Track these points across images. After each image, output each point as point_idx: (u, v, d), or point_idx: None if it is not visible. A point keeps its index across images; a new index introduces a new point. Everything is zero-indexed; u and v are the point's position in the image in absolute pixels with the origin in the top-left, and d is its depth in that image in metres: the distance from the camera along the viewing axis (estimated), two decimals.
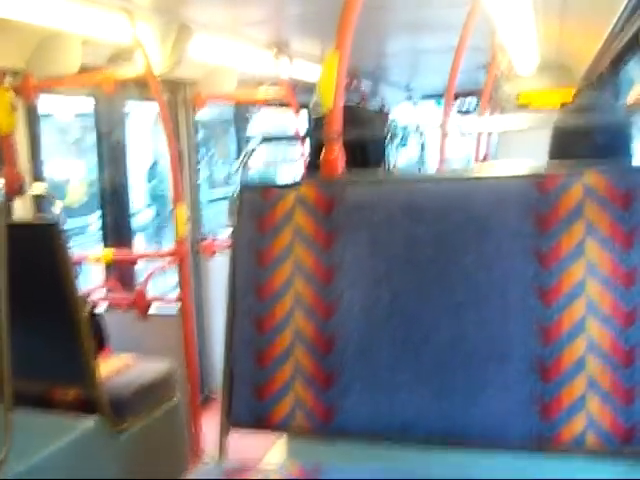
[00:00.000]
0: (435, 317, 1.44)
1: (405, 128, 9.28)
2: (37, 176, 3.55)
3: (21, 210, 3.36)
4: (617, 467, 1.49)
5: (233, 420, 1.59)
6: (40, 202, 3.51)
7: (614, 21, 3.74)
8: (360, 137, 2.28)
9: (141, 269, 4.66)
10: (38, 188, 3.32)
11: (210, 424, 3.74)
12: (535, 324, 1.39)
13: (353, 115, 2.35)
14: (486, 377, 1.41)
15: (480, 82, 6.70)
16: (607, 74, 5.33)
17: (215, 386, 5.07)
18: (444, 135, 3.55)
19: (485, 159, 6.79)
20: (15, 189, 2.62)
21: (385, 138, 2.47)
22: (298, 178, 1.72)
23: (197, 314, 4.93)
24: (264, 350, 1.55)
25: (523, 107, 7.59)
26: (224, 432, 1.60)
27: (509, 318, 1.41)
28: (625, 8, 3.35)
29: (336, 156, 1.88)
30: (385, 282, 1.48)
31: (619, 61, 4.86)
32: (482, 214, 1.45)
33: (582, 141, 2.02)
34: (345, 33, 1.88)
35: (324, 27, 4.16)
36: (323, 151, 1.90)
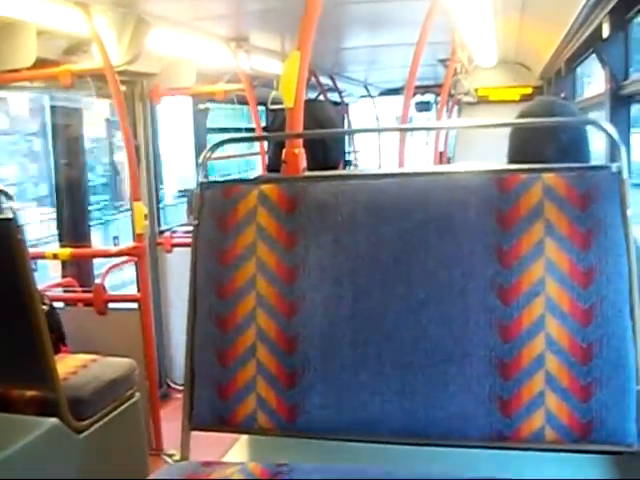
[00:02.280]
0: (397, 316, 1.45)
1: None
2: None
3: None
4: (574, 461, 1.53)
5: (195, 420, 1.58)
6: None
7: (571, 21, 3.80)
8: (321, 134, 2.28)
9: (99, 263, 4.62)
10: None
11: (170, 419, 3.73)
12: (495, 322, 1.40)
13: (311, 110, 2.35)
14: (447, 375, 1.42)
15: (439, 77, 6.76)
16: (563, 73, 5.41)
17: (174, 380, 5.06)
18: (403, 134, 3.55)
19: (442, 160, 6.84)
20: None
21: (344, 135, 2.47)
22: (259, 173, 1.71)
23: (156, 308, 4.90)
24: (226, 350, 1.54)
25: (482, 100, 7.68)
26: (186, 432, 1.59)
27: (469, 316, 1.42)
28: (583, 8, 3.40)
29: (298, 154, 1.88)
30: (348, 282, 1.48)
31: (575, 60, 4.94)
32: (444, 212, 1.46)
33: (540, 144, 2.05)
34: (307, 34, 1.88)
35: (283, 22, 4.18)
36: (284, 149, 1.90)
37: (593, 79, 5.17)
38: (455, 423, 1.42)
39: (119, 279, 7.76)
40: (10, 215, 2.32)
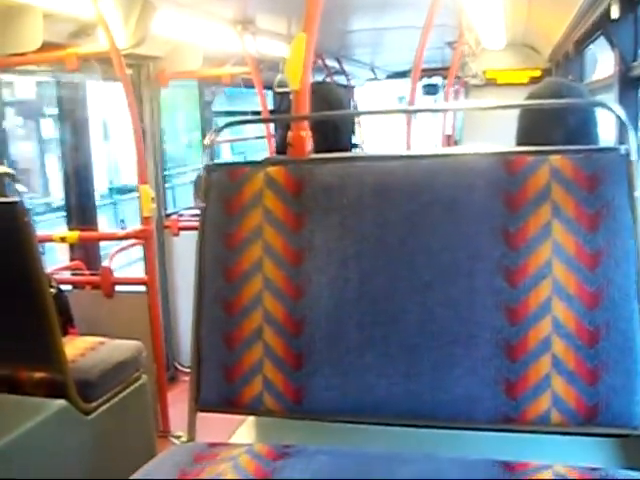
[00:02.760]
0: (403, 299, 1.45)
1: None
2: None
3: None
4: (580, 444, 1.53)
5: (202, 402, 1.59)
6: (1, 181, 3.46)
7: (580, 2, 3.77)
8: (329, 116, 2.28)
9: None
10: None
11: (177, 401, 3.75)
12: (502, 304, 1.40)
13: (321, 93, 2.34)
14: (453, 357, 1.42)
15: (446, 60, 6.72)
16: (572, 54, 5.37)
17: (181, 362, 5.08)
18: (410, 117, 3.54)
19: (450, 144, 6.82)
20: None
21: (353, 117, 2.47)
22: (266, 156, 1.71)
23: (163, 291, 4.92)
24: (233, 332, 1.55)
25: (490, 82, 7.64)
26: (192, 414, 1.60)
27: (476, 299, 1.42)
28: None
29: (304, 136, 1.87)
30: (354, 264, 1.48)
31: (584, 42, 4.90)
32: (451, 194, 1.46)
33: (549, 126, 2.04)
34: (313, 16, 1.87)
35: (289, 4, 4.15)
36: (290, 131, 1.90)
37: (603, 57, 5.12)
38: (461, 405, 1.43)
39: (125, 259, 7.75)
40: (16, 198, 2.32)
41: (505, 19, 4.95)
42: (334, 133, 2.24)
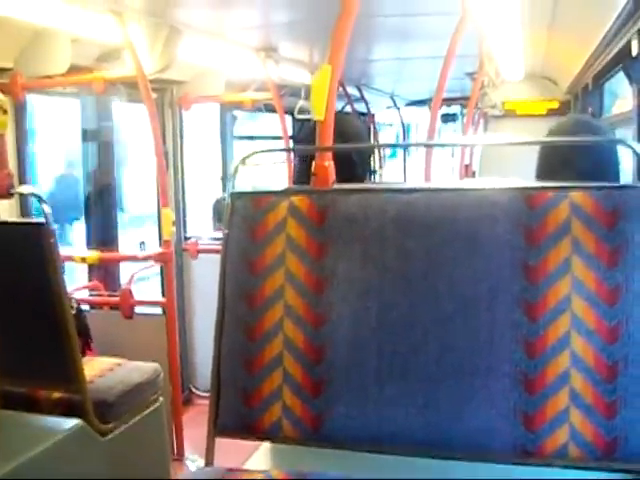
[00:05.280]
0: (423, 330, 1.46)
1: None
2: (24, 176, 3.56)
3: (7, 210, 3.36)
4: (597, 478, 1.53)
5: (220, 427, 1.60)
6: (27, 202, 3.51)
7: (600, 37, 3.79)
8: (349, 148, 2.31)
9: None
10: (27, 188, 3.30)
11: (191, 425, 3.76)
12: (521, 338, 1.41)
13: (338, 123, 2.37)
14: (472, 390, 1.43)
15: (466, 89, 6.75)
16: (591, 88, 5.39)
17: (196, 385, 5.09)
18: (430, 147, 3.55)
19: (468, 173, 6.83)
20: (5, 190, 2.64)
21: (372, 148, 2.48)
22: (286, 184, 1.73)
23: (181, 313, 4.94)
24: (253, 358, 1.56)
25: (508, 113, 7.67)
26: (211, 438, 1.61)
27: (495, 331, 1.43)
28: (612, 25, 3.40)
29: (327, 166, 1.90)
30: (375, 294, 1.50)
31: (603, 76, 4.92)
32: (472, 227, 1.47)
33: (570, 162, 2.06)
34: (339, 48, 1.90)
35: (311, 33, 4.21)
36: (314, 161, 1.92)
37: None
38: (479, 437, 1.43)
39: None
40: (43, 219, 2.35)
41: (524, 50, 4.99)
42: (348, 165, 2.27)
